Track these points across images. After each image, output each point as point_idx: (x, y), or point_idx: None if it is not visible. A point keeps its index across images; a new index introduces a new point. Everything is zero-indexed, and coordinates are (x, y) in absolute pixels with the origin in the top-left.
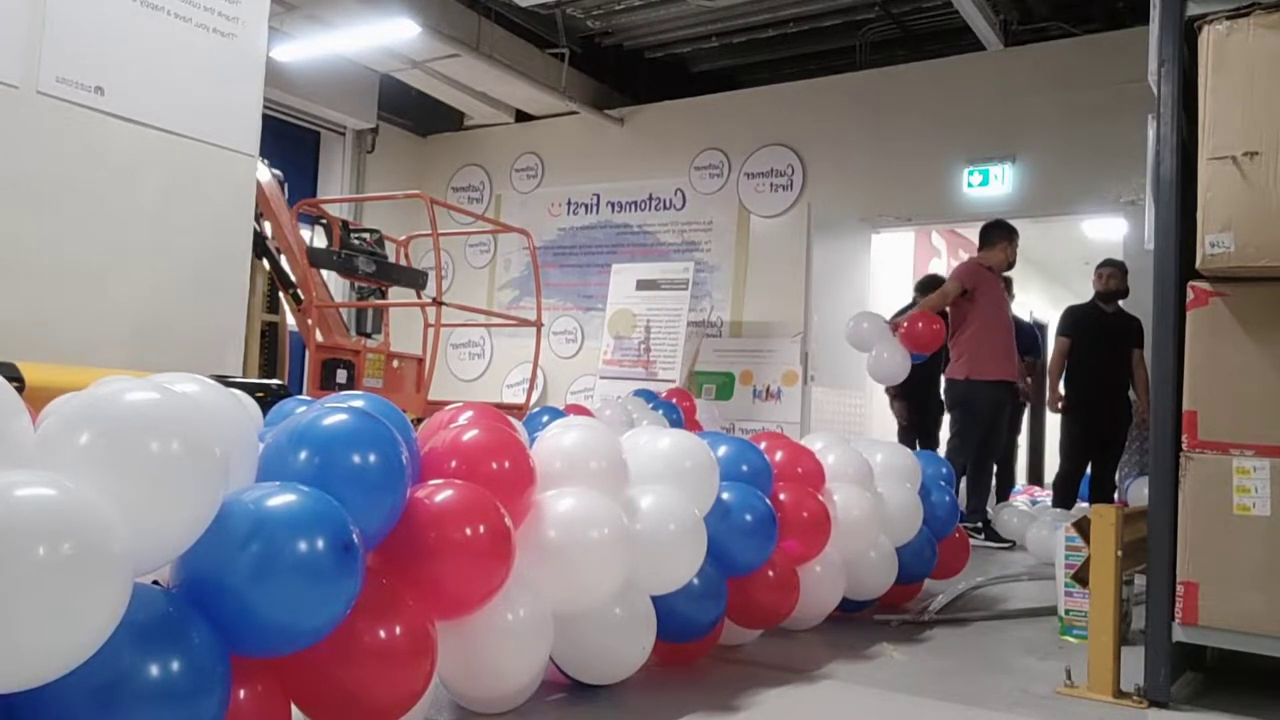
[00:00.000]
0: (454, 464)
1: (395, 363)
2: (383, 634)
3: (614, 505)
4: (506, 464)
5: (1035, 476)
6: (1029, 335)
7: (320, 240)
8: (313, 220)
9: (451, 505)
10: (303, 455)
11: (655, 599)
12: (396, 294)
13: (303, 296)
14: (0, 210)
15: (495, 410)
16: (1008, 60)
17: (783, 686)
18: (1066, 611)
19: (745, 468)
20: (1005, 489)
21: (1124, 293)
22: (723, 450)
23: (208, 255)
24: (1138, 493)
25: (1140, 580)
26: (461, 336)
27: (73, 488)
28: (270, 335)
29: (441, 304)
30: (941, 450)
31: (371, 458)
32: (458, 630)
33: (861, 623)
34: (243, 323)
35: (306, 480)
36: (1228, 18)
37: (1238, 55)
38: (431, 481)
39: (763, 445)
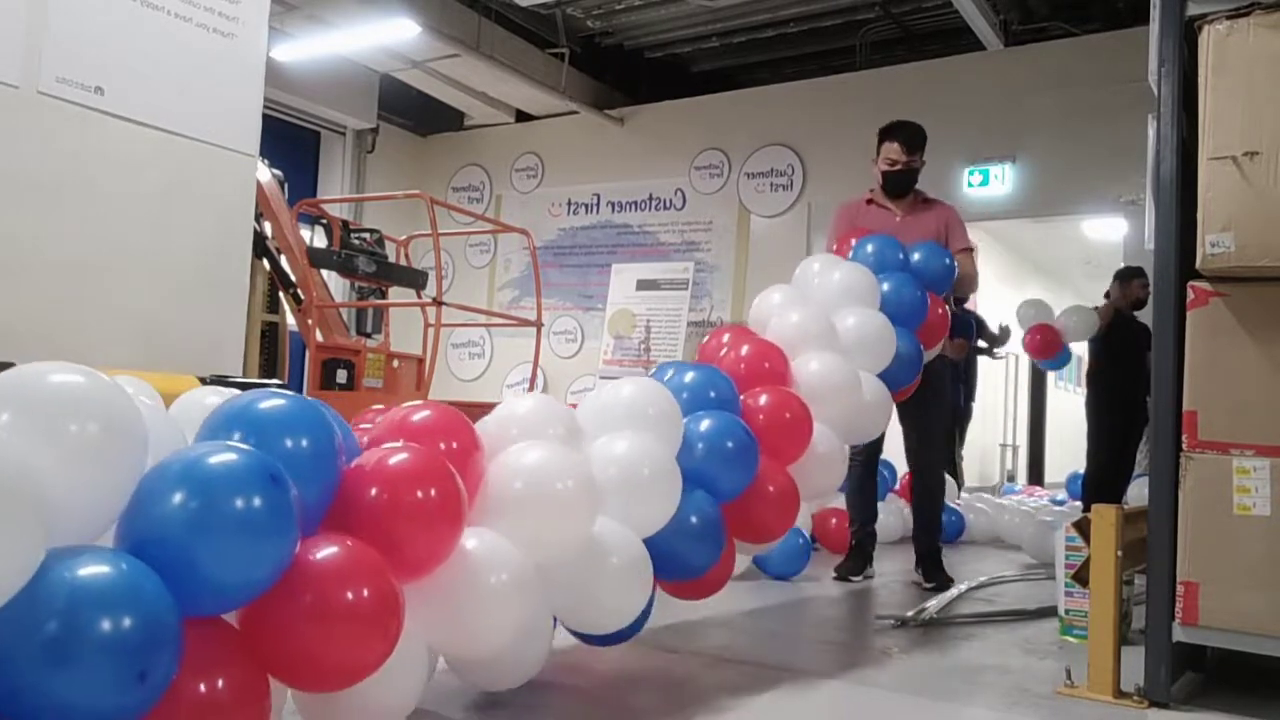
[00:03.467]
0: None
1: (395, 363)
2: (350, 594)
3: (573, 453)
4: (455, 444)
5: (1035, 476)
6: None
7: (320, 240)
8: (313, 220)
9: (400, 466)
10: (236, 437)
11: (656, 543)
12: (396, 294)
13: (303, 296)
14: (0, 210)
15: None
16: (1008, 60)
17: (783, 686)
18: (1066, 611)
19: (713, 394)
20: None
21: (1143, 304)
22: (689, 377)
23: (208, 255)
24: (1138, 493)
25: (1140, 580)
26: (461, 336)
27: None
28: (270, 335)
29: (441, 304)
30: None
31: (304, 441)
32: (437, 591)
33: (862, 623)
34: (243, 323)
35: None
36: (1228, 18)
37: (1238, 55)
38: (377, 447)
39: (725, 339)
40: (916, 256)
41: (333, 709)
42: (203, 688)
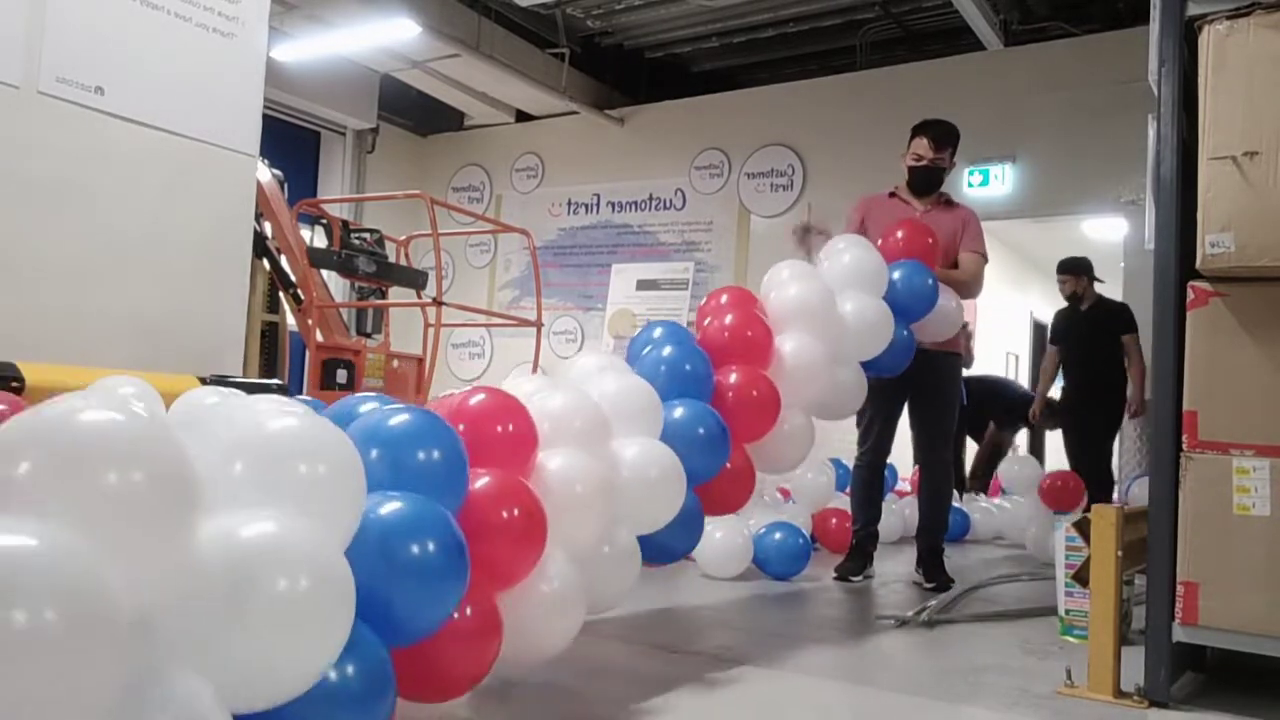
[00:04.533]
0: (462, 428)
1: (395, 363)
2: (468, 610)
3: (596, 461)
4: (510, 426)
5: None
6: None
7: (320, 240)
8: (313, 220)
9: (491, 490)
10: (373, 455)
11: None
12: (396, 294)
13: (303, 296)
14: (1, 210)
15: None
16: (1008, 60)
17: (782, 686)
18: (1066, 611)
19: (689, 368)
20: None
21: (1080, 295)
22: (666, 351)
23: (208, 255)
24: (1138, 493)
25: (1140, 580)
26: (462, 336)
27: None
28: (270, 335)
29: (442, 304)
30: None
31: (436, 454)
32: (508, 602)
33: (862, 623)
34: (243, 323)
35: (382, 481)
36: (1228, 18)
37: (1238, 55)
38: (478, 471)
39: (723, 300)
40: (897, 275)
41: None
42: None
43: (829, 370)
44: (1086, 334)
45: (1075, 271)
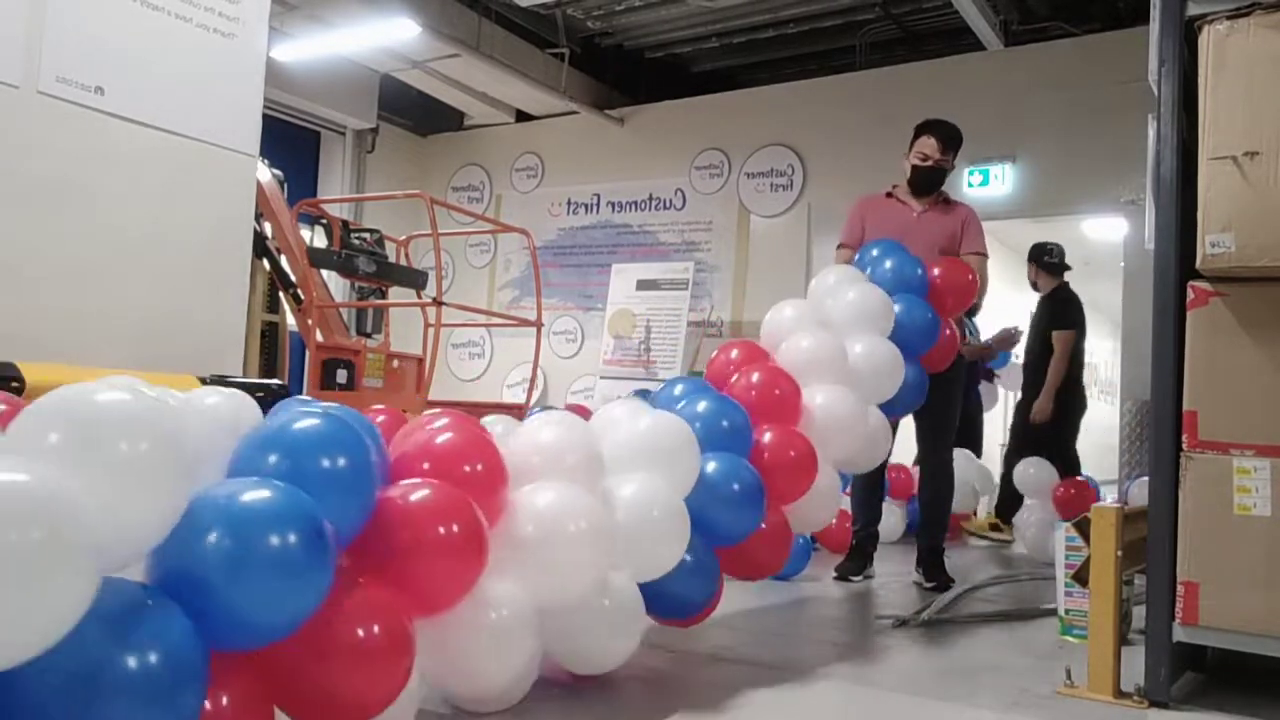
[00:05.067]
0: (426, 465)
1: (395, 363)
2: (361, 632)
3: (590, 498)
4: (479, 466)
5: None
6: None
7: (320, 240)
8: (313, 220)
9: (425, 504)
10: (272, 459)
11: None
12: (396, 294)
13: (303, 296)
14: (1, 210)
15: (468, 417)
16: (1008, 60)
17: (782, 686)
18: (1066, 611)
19: (726, 424)
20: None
21: (1034, 283)
22: (701, 406)
23: (208, 255)
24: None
25: (1140, 580)
26: (462, 336)
27: (46, 476)
28: (270, 335)
29: (441, 304)
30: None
31: (341, 460)
32: (442, 630)
33: (862, 623)
34: (243, 323)
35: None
36: (1228, 18)
37: (1238, 55)
38: (404, 481)
39: (733, 355)
40: (898, 309)
41: None
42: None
43: (860, 423)
44: (1032, 325)
45: (1030, 258)
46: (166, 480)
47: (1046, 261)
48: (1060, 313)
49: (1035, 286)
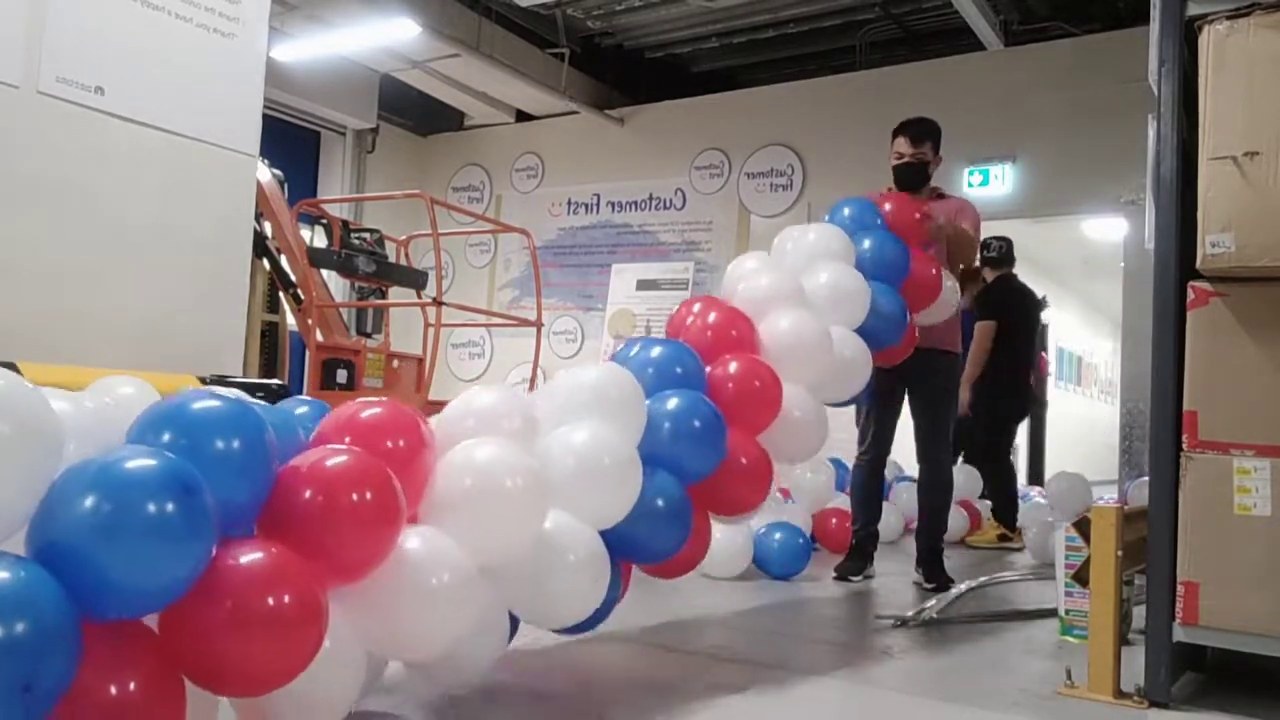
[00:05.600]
0: (347, 440)
1: (395, 363)
2: (272, 600)
3: (519, 449)
4: (401, 440)
5: (1035, 476)
6: None
7: (320, 240)
8: (313, 220)
9: (334, 470)
10: (165, 438)
11: (620, 529)
12: (396, 294)
13: (303, 296)
14: (0, 210)
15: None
16: (1008, 60)
17: (782, 686)
18: (1066, 611)
19: (679, 370)
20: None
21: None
22: (655, 352)
23: (208, 255)
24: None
25: (1140, 580)
26: (462, 336)
27: None
28: (270, 335)
29: (442, 304)
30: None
31: (235, 442)
32: (376, 596)
33: (862, 623)
34: (243, 323)
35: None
36: (1228, 18)
37: (1238, 55)
38: (311, 450)
39: (694, 309)
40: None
41: (262, 707)
42: (112, 690)
43: (823, 345)
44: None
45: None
46: (27, 458)
47: (985, 255)
48: (984, 303)
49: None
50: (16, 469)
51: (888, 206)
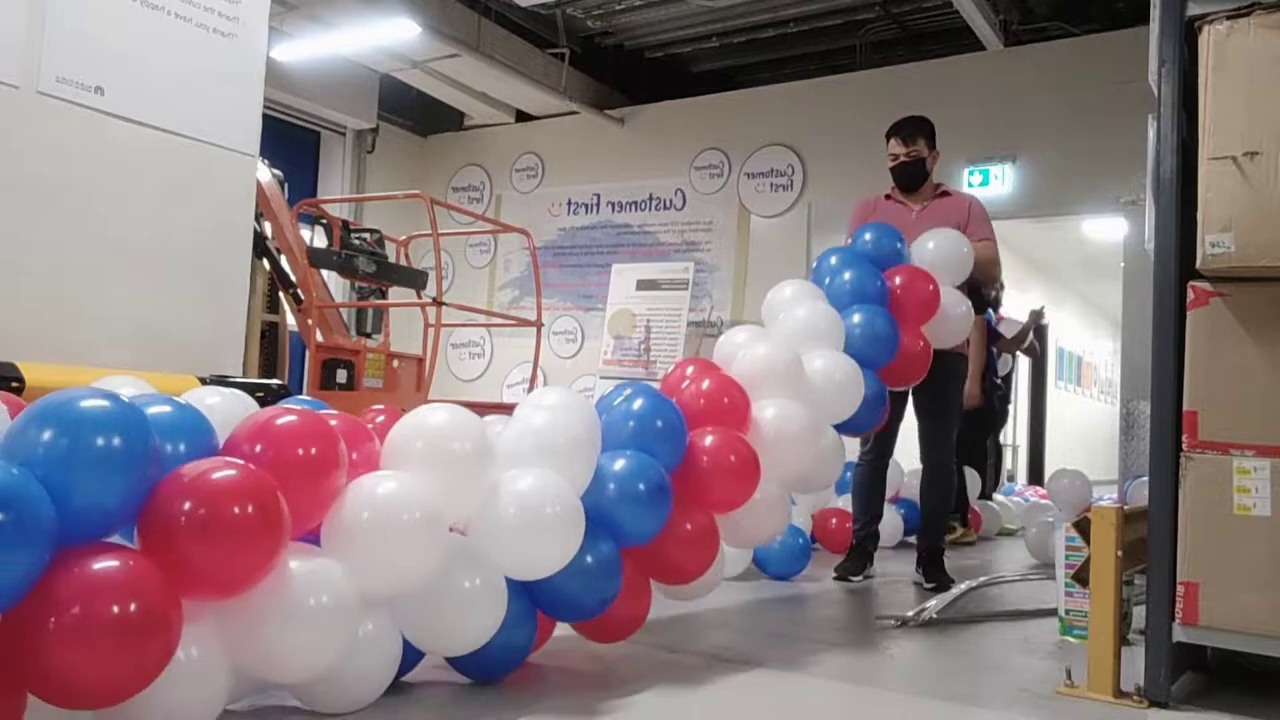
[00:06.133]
0: (257, 449)
1: (395, 363)
2: (116, 609)
3: (425, 487)
4: (313, 450)
5: (1035, 476)
6: None
7: (320, 240)
8: (313, 220)
9: (217, 483)
10: (46, 435)
11: (547, 582)
12: (396, 294)
13: (303, 296)
14: (0, 210)
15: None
16: (1008, 60)
17: (782, 686)
18: (1066, 611)
19: (659, 423)
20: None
21: None
22: (637, 404)
23: (208, 255)
24: (1138, 493)
25: (1140, 580)
26: (462, 336)
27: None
28: (270, 335)
29: (442, 304)
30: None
31: (116, 440)
32: (252, 614)
33: (862, 623)
34: (243, 323)
35: (37, 459)
36: (1228, 18)
37: (1238, 55)
38: (201, 460)
39: (689, 372)
40: (867, 237)
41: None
42: None
43: (813, 439)
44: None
45: None
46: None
47: None
48: None
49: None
50: None
51: (898, 280)
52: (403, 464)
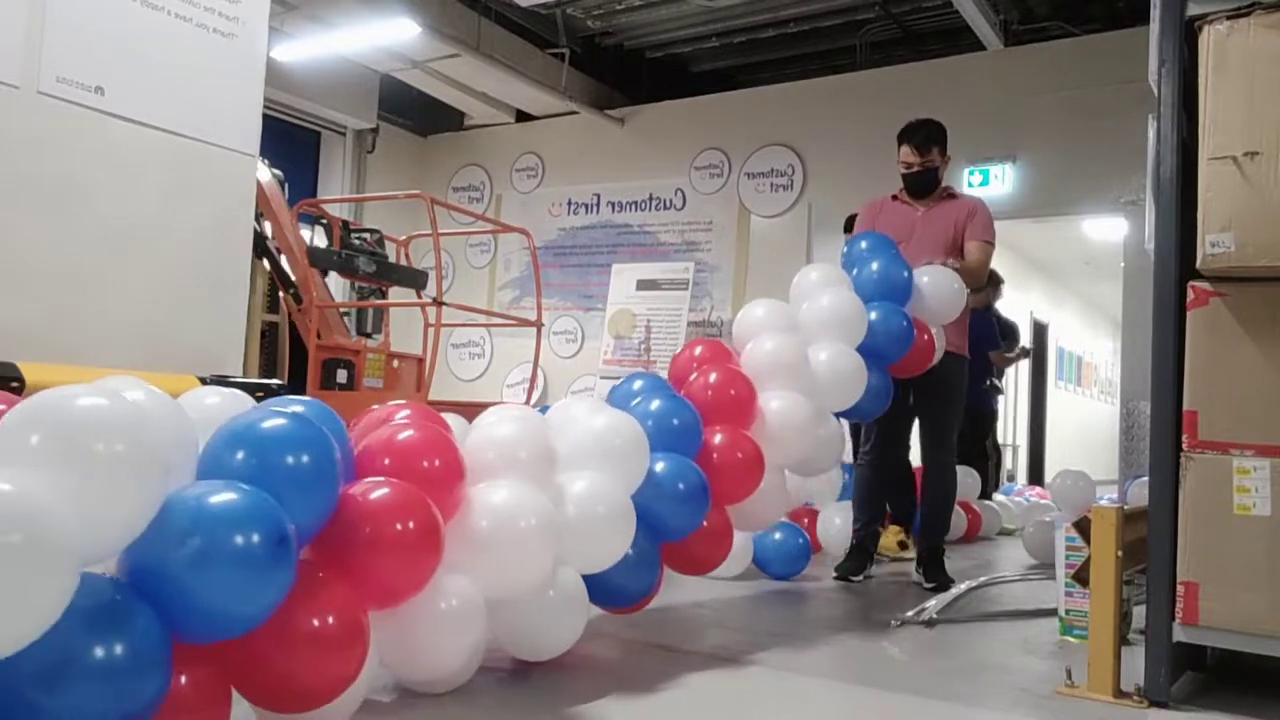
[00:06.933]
0: (387, 461)
1: (395, 363)
2: (317, 623)
3: (541, 496)
4: (437, 462)
5: (1035, 476)
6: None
7: (320, 240)
8: (313, 220)
9: (384, 502)
10: (239, 455)
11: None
12: (396, 294)
13: (303, 296)
14: (1, 210)
15: (430, 410)
16: (1008, 60)
17: (782, 686)
18: (1066, 611)
19: (676, 422)
20: None
21: None
22: (654, 405)
23: (208, 255)
24: (1138, 493)
25: (1140, 580)
26: (462, 336)
27: (25, 484)
28: (270, 335)
29: (442, 304)
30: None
31: (305, 458)
32: (395, 616)
33: (862, 623)
34: (243, 323)
35: (243, 479)
36: (1228, 18)
37: (1238, 55)
38: (366, 479)
39: (697, 354)
40: (874, 316)
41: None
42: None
43: (813, 429)
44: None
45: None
46: (142, 482)
47: None
48: None
49: (986, 307)
50: (130, 494)
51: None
52: (478, 473)
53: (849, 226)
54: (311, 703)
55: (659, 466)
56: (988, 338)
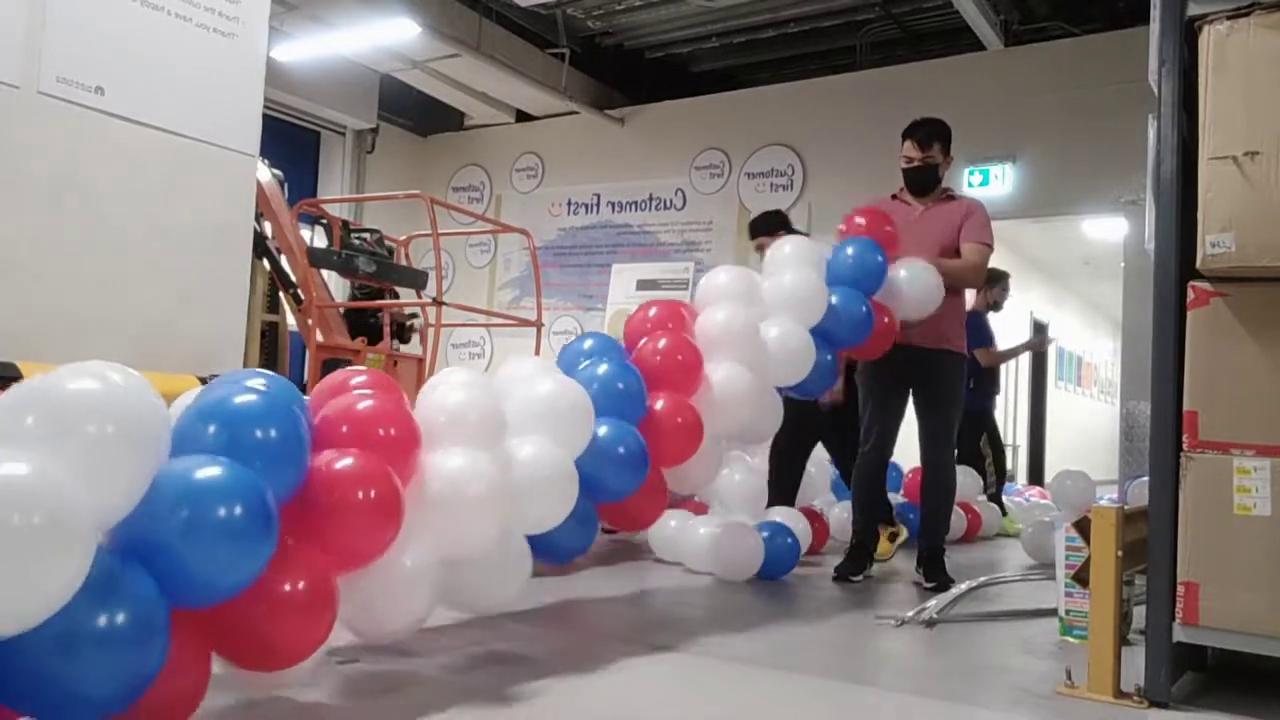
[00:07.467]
0: (345, 429)
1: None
2: (289, 588)
3: (491, 463)
4: (393, 430)
5: (1035, 476)
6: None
7: (320, 240)
8: (313, 220)
9: (349, 472)
10: (211, 430)
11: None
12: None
13: (303, 296)
14: (1, 210)
15: (385, 376)
16: (1008, 60)
17: (782, 686)
18: (1066, 611)
19: (621, 387)
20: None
21: None
22: (601, 370)
23: (208, 255)
24: (1138, 493)
25: (1140, 580)
26: (462, 336)
27: (39, 465)
28: (270, 335)
29: (442, 304)
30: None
31: (274, 432)
32: (355, 580)
33: (862, 623)
34: (243, 323)
35: (216, 454)
36: (1228, 18)
37: (1238, 55)
38: (330, 450)
39: (651, 315)
40: (834, 300)
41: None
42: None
43: (754, 401)
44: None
45: (769, 230)
46: (135, 459)
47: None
48: None
49: (993, 308)
50: (126, 471)
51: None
52: (431, 440)
53: (754, 233)
54: (286, 661)
55: (602, 431)
56: (973, 337)
